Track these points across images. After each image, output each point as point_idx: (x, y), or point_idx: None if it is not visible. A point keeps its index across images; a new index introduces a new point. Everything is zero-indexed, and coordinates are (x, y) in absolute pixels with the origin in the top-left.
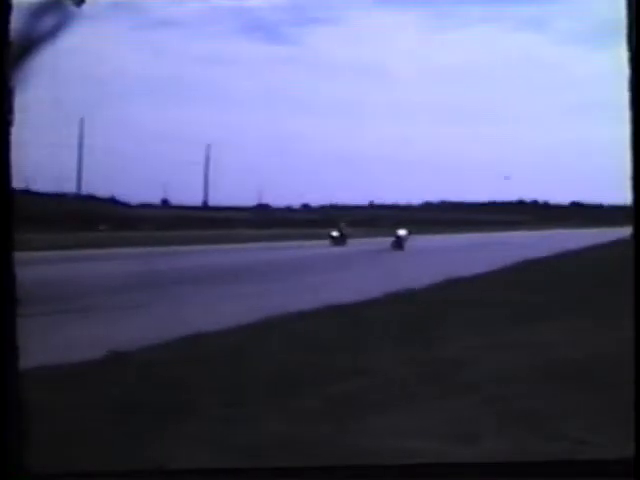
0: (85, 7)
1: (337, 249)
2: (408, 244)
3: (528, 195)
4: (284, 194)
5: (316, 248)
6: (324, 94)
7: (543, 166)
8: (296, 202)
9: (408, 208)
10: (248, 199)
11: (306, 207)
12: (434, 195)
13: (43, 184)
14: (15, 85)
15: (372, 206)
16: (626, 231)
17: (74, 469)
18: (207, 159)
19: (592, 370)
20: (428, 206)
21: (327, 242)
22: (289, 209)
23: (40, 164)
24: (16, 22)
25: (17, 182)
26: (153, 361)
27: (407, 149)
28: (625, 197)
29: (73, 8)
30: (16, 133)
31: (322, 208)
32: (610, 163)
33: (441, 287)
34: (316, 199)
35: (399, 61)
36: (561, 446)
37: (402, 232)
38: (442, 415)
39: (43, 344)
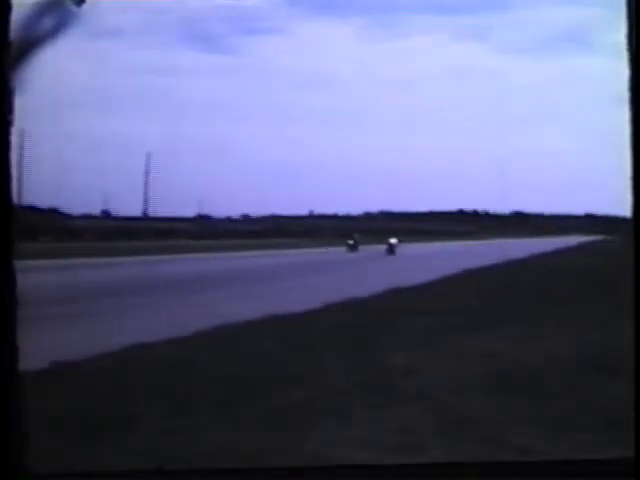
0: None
1: (352, 254)
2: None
3: (468, 205)
4: (224, 204)
5: (336, 254)
6: (265, 103)
7: (484, 175)
8: (236, 212)
9: (348, 218)
10: (188, 209)
11: (246, 217)
12: (374, 205)
13: None
14: (15, 85)
15: (312, 216)
16: (568, 240)
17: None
18: (147, 169)
19: (538, 377)
20: (368, 216)
21: (341, 249)
22: (229, 219)
23: None
24: (16, 22)
25: None
26: (96, 371)
27: (347, 158)
28: (567, 206)
29: (73, 8)
30: None
31: (262, 218)
32: (551, 172)
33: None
34: (256, 209)
35: (340, 70)
36: (504, 455)
37: (393, 240)
38: (384, 425)
39: None
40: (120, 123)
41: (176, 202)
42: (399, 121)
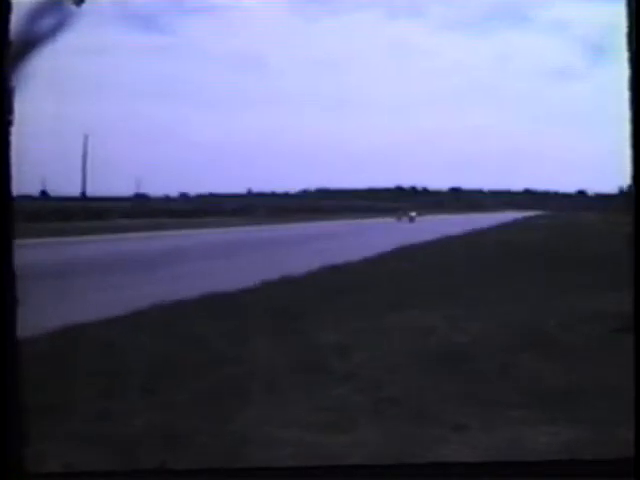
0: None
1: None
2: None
3: (406, 182)
4: (162, 184)
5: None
6: (201, 84)
7: (421, 152)
8: (174, 191)
9: (286, 196)
10: (127, 189)
11: (184, 196)
12: (311, 183)
13: None
14: (15, 85)
15: (250, 194)
16: (506, 216)
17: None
18: (85, 150)
19: (469, 354)
20: (306, 194)
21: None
22: (167, 198)
23: None
24: (16, 22)
25: None
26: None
27: (284, 137)
28: (506, 182)
29: (73, 8)
30: None
31: (200, 197)
32: (488, 149)
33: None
34: (195, 188)
35: (275, 50)
36: (439, 431)
37: (413, 214)
38: (316, 403)
39: None
40: (55, 105)
41: (115, 182)
42: (336, 99)
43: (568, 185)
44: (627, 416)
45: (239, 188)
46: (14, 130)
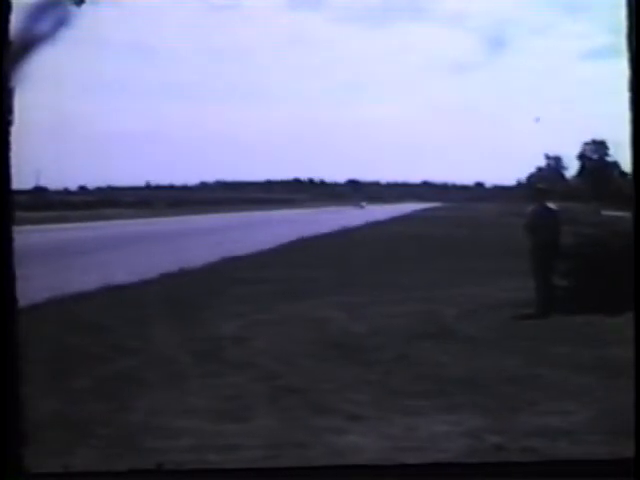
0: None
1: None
2: None
3: (304, 174)
4: (61, 177)
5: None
6: (99, 74)
7: (319, 144)
8: (73, 184)
9: (184, 188)
10: (25, 183)
11: (83, 189)
12: (210, 175)
13: None
14: (15, 85)
15: (149, 187)
16: (405, 208)
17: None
18: None
19: (368, 344)
20: (204, 186)
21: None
22: (67, 192)
23: None
24: (16, 22)
25: None
26: None
27: (182, 129)
28: (404, 174)
29: (73, 7)
30: None
31: (99, 189)
32: (387, 140)
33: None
34: (94, 181)
35: (174, 39)
36: (336, 421)
37: (364, 204)
38: (214, 392)
39: None
40: None
41: (15, 176)
42: (234, 90)
43: (466, 177)
44: (526, 402)
45: (138, 181)
46: None
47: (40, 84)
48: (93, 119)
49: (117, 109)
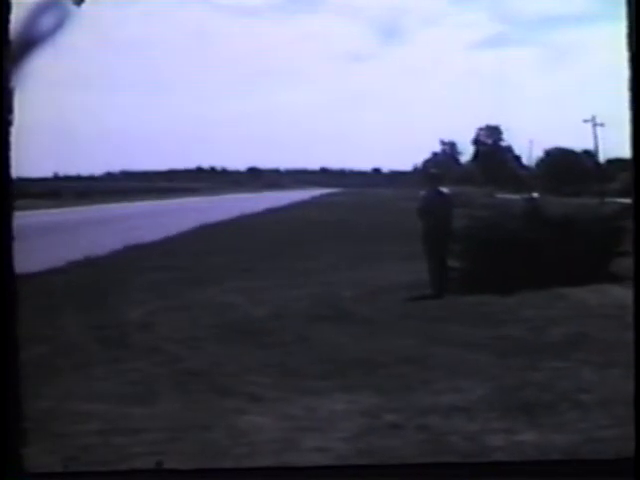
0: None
1: None
2: None
3: (206, 162)
4: None
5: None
6: None
7: (220, 133)
8: None
9: (91, 179)
10: None
11: None
12: (115, 165)
13: None
14: (15, 85)
15: (57, 178)
16: (304, 194)
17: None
18: None
19: (268, 327)
20: (110, 176)
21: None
22: None
23: None
24: (16, 22)
25: None
26: None
27: (86, 120)
28: (302, 161)
29: (73, 7)
30: None
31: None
32: (285, 129)
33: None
34: None
35: (73, 33)
36: (237, 402)
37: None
38: (120, 377)
39: None
40: None
41: None
42: (136, 82)
43: (363, 163)
44: (422, 381)
45: (46, 172)
46: None
47: None
48: None
49: (23, 100)
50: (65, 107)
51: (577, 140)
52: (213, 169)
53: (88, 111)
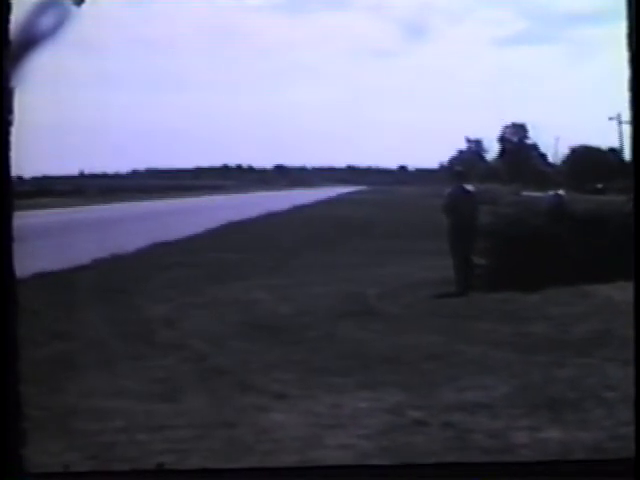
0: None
1: None
2: None
3: (232, 160)
4: None
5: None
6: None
7: (246, 131)
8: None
9: (117, 177)
10: None
11: (20, 179)
12: (141, 163)
13: None
14: (15, 85)
15: (82, 176)
16: (330, 192)
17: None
18: None
19: (294, 324)
20: (136, 174)
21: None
22: None
23: None
24: (16, 21)
25: None
26: None
27: (112, 117)
28: (328, 159)
29: (73, 7)
30: None
31: (34, 179)
32: (311, 126)
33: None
34: (28, 171)
35: (104, 31)
36: (262, 400)
37: None
38: (144, 375)
39: None
40: None
41: None
42: (161, 80)
43: (389, 161)
44: (447, 378)
45: (72, 170)
46: None
47: None
48: (27, 110)
49: (50, 100)
50: (91, 106)
51: (603, 138)
52: (240, 167)
53: (114, 110)
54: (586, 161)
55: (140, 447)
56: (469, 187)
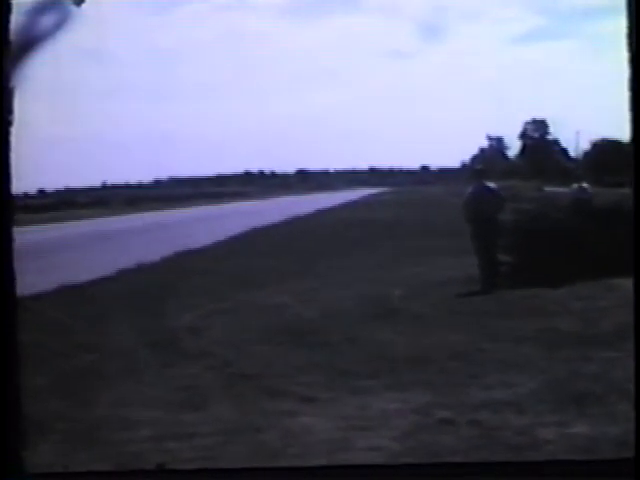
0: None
1: None
2: None
3: (254, 166)
4: (19, 182)
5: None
6: (45, 78)
7: (266, 137)
8: (31, 188)
9: (139, 187)
10: None
11: (42, 192)
12: (163, 172)
13: None
14: (15, 85)
15: (105, 187)
16: (353, 194)
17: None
18: None
19: (319, 328)
20: (158, 183)
21: None
22: (26, 196)
23: None
24: (16, 22)
25: None
26: None
27: (129, 128)
28: (350, 162)
29: (73, 7)
30: None
31: (57, 192)
32: (331, 130)
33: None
34: (52, 184)
35: (118, 43)
36: (289, 404)
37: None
38: (170, 383)
39: None
40: None
41: None
42: (178, 89)
43: (411, 161)
44: (473, 376)
45: (94, 181)
46: None
47: None
48: (45, 123)
49: (68, 112)
50: (112, 116)
51: (623, 131)
52: (262, 173)
53: (135, 119)
54: (606, 154)
55: (169, 455)
56: (491, 184)
